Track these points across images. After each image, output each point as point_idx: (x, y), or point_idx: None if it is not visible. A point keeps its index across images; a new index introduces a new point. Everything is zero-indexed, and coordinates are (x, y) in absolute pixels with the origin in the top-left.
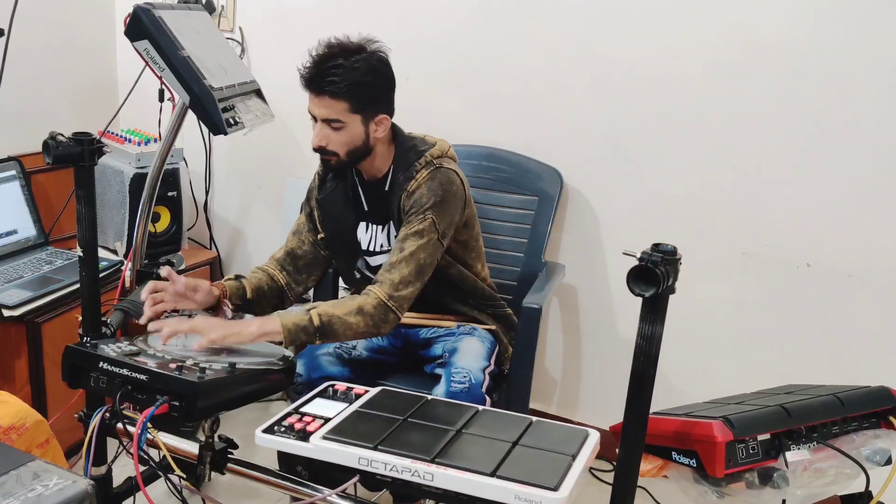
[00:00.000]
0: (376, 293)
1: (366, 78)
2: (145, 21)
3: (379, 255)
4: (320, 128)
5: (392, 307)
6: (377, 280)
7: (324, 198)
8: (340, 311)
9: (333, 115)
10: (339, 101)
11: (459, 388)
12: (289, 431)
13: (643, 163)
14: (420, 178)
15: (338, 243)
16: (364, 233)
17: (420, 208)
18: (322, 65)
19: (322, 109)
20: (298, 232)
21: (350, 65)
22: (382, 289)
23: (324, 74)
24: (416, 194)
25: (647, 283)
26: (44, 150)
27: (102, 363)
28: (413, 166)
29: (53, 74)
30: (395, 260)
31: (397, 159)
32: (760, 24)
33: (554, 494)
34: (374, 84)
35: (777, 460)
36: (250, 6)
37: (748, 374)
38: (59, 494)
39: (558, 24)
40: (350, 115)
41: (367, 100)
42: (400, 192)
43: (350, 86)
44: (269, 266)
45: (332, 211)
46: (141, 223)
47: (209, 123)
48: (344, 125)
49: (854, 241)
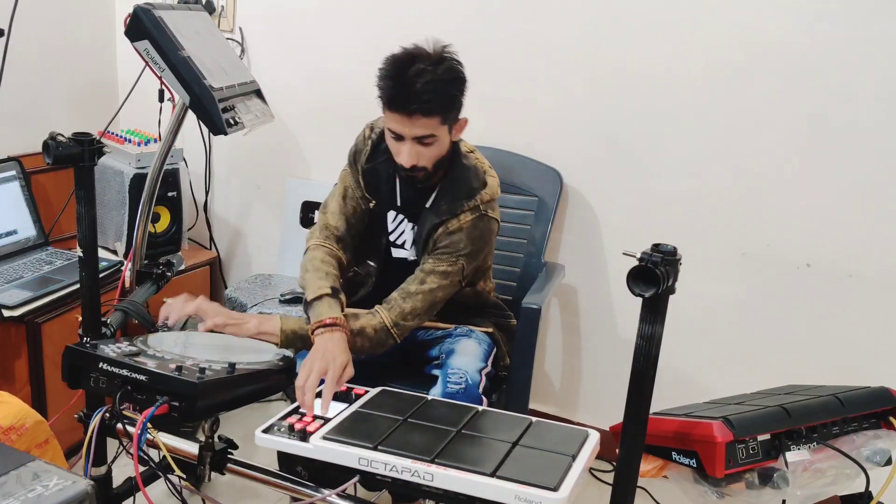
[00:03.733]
0: (382, 318)
1: (452, 86)
2: (145, 21)
3: (400, 248)
4: (410, 146)
5: (394, 334)
6: (388, 301)
7: (370, 169)
8: (356, 325)
9: (427, 132)
10: (433, 117)
11: (456, 388)
12: (288, 431)
13: (643, 163)
14: (463, 220)
15: (373, 219)
16: (391, 221)
17: (455, 251)
18: (410, 82)
19: (415, 129)
20: (349, 197)
21: (439, 77)
22: (391, 314)
23: (415, 92)
24: (455, 236)
25: (647, 283)
26: (44, 150)
27: (102, 363)
28: (461, 204)
29: (53, 74)
30: (413, 290)
31: (448, 180)
32: (760, 24)
33: (554, 495)
34: (459, 89)
35: (777, 460)
36: (250, 6)
37: (748, 374)
38: (59, 495)
39: (558, 24)
40: (441, 128)
41: (455, 107)
42: (437, 220)
43: (442, 98)
44: (332, 245)
45: (372, 185)
46: (141, 223)
47: (209, 123)
48: (436, 139)
49: (854, 241)
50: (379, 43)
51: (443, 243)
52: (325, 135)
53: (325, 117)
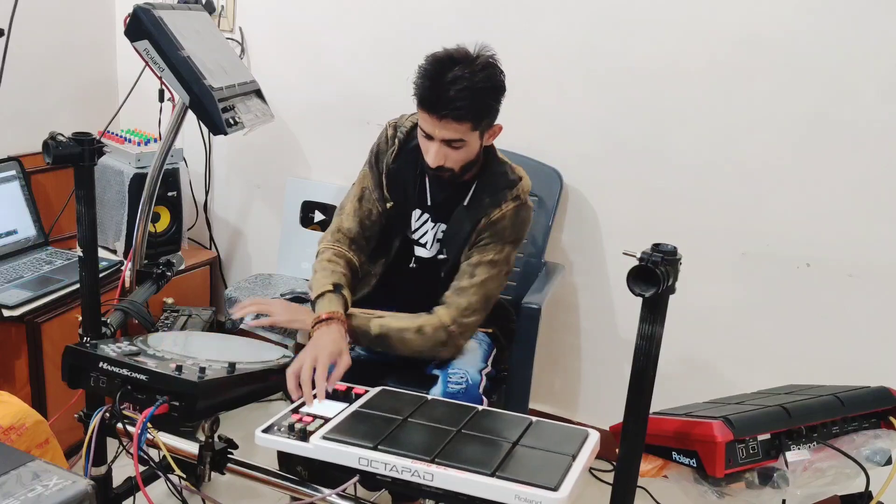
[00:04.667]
0: (441, 316)
1: (487, 96)
2: (145, 21)
3: (422, 247)
4: (438, 147)
5: (454, 332)
6: (444, 302)
7: (396, 168)
8: (400, 324)
9: (457, 136)
10: (463, 123)
11: (456, 388)
12: (288, 431)
13: (643, 163)
14: (506, 209)
15: (394, 218)
16: (416, 220)
17: (501, 239)
18: (446, 87)
19: (444, 132)
20: (365, 199)
21: (475, 85)
22: (448, 312)
23: (448, 98)
24: (499, 224)
25: (647, 283)
26: (44, 150)
27: (102, 363)
28: (503, 194)
29: (53, 74)
30: (465, 285)
31: (485, 178)
32: (760, 24)
33: (554, 494)
34: (495, 99)
35: (777, 460)
36: (250, 6)
37: (748, 374)
38: (59, 494)
39: (558, 24)
40: (471, 134)
41: (489, 115)
42: (481, 215)
43: (474, 106)
44: (343, 247)
45: (399, 185)
46: (141, 223)
47: (209, 123)
48: (465, 143)
49: (854, 241)
50: (379, 42)
51: (486, 233)
52: (325, 135)
53: (326, 117)
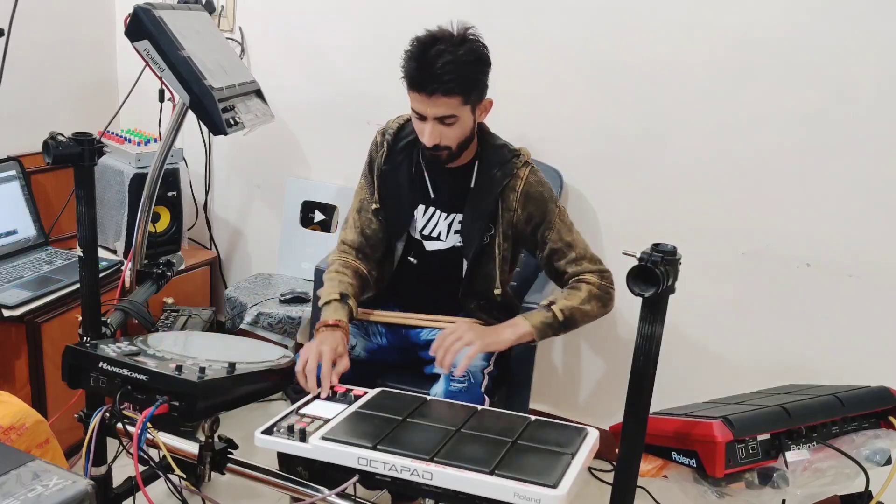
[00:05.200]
0: (589, 279)
1: (474, 68)
2: (145, 21)
3: (435, 240)
4: (432, 126)
5: (607, 285)
6: (578, 272)
7: (388, 170)
8: (576, 301)
9: (449, 112)
10: (453, 97)
11: (459, 387)
12: (288, 432)
13: (643, 163)
14: (523, 174)
15: (389, 219)
16: (422, 216)
17: (546, 206)
18: (430, 63)
19: (436, 108)
20: (364, 210)
21: (459, 59)
22: (591, 275)
23: (434, 73)
24: (533, 194)
25: (647, 283)
26: (44, 150)
27: (102, 363)
28: (512, 163)
29: (53, 74)
30: (573, 255)
31: (486, 154)
32: (760, 23)
33: (553, 492)
34: (482, 71)
35: (777, 460)
36: (250, 6)
37: (748, 374)
38: (59, 494)
39: (558, 24)
40: (462, 108)
41: (477, 88)
42: (497, 187)
43: (461, 79)
44: (350, 258)
45: (394, 185)
46: (141, 223)
47: (209, 123)
48: (457, 119)
49: (854, 241)
50: (379, 42)
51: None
52: (325, 134)
53: (326, 117)
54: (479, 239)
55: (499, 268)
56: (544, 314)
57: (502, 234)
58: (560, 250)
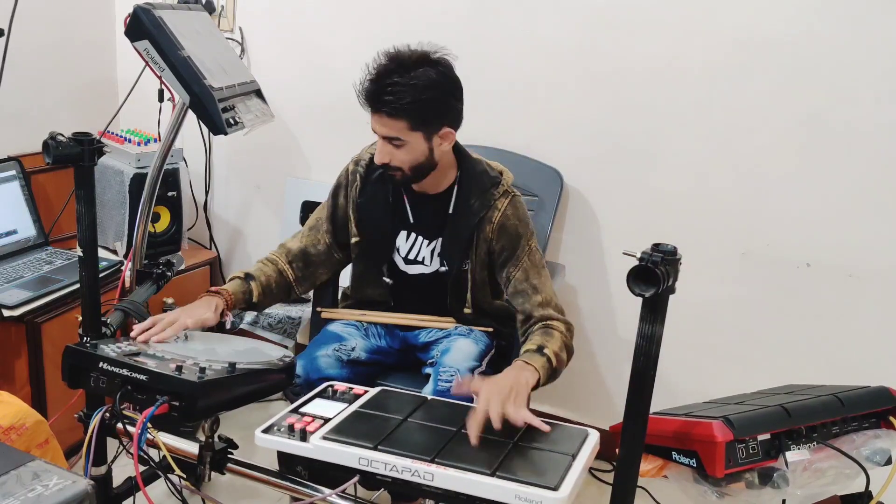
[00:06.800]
0: (559, 326)
1: (424, 94)
2: (145, 21)
3: (418, 265)
4: (382, 144)
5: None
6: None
7: (364, 201)
8: (555, 347)
9: (393, 133)
10: (397, 119)
11: (446, 386)
12: (288, 432)
13: (643, 163)
14: (502, 207)
15: (371, 249)
16: (405, 241)
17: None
18: (379, 82)
19: (381, 127)
20: (315, 229)
21: (406, 82)
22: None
23: (380, 93)
24: (508, 227)
25: (647, 283)
26: (44, 150)
27: (102, 363)
28: (490, 193)
29: (53, 74)
30: (539, 300)
31: (465, 180)
32: (759, 23)
33: (554, 494)
34: (434, 99)
35: (777, 460)
36: (250, 6)
37: (748, 374)
38: (59, 494)
39: (557, 23)
40: (410, 133)
41: (429, 115)
42: (474, 218)
43: (407, 104)
44: (279, 258)
45: (373, 215)
46: (141, 223)
47: (209, 123)
48: (405, 143)
49: (854, 241)
50: (379, 42)
51: (501, 243)
52: (325, 135)
53: (326, 117)
54: (459, 265)
55: (470, 292)
56: (543, 361)
57: (480, 262)
58: (524, 291)
